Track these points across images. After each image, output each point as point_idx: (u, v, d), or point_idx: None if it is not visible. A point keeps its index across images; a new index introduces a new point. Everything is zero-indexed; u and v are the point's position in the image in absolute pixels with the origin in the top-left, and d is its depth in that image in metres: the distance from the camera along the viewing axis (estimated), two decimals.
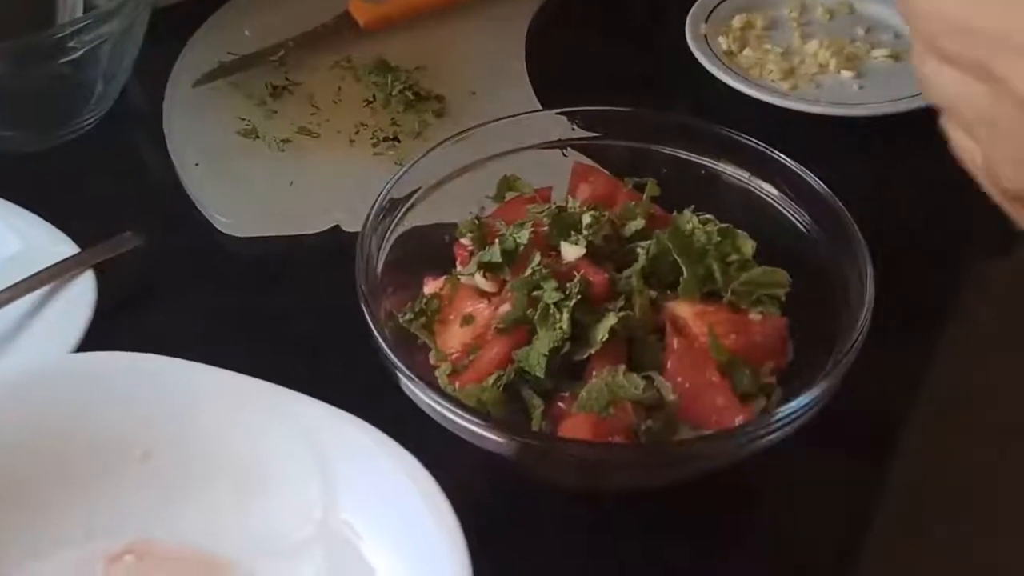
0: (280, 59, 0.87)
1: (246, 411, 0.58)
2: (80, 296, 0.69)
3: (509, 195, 0.69)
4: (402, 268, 0.65)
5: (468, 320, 0.62)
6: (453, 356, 0.62)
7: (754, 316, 0.62)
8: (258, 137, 0.82)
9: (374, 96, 0.85)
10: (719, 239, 0.63)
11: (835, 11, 0.92)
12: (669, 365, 0.60)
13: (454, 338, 0.63)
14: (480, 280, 0.63)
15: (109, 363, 0.61)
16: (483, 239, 0.65)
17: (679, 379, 0.60)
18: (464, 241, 0.66)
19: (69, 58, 0.75)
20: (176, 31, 0.87)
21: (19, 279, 0.70)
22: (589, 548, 0.61)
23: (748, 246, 0.64)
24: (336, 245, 0.74)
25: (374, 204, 0.65)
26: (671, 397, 0.59)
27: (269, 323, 0.72)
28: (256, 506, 0.58)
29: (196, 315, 0.73)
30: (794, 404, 0.57)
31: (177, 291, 0.74)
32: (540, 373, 0.59)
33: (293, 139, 0.82)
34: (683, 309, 0.61)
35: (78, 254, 0.71)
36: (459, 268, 0.65)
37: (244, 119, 0.83)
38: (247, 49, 0.87)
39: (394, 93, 0.84)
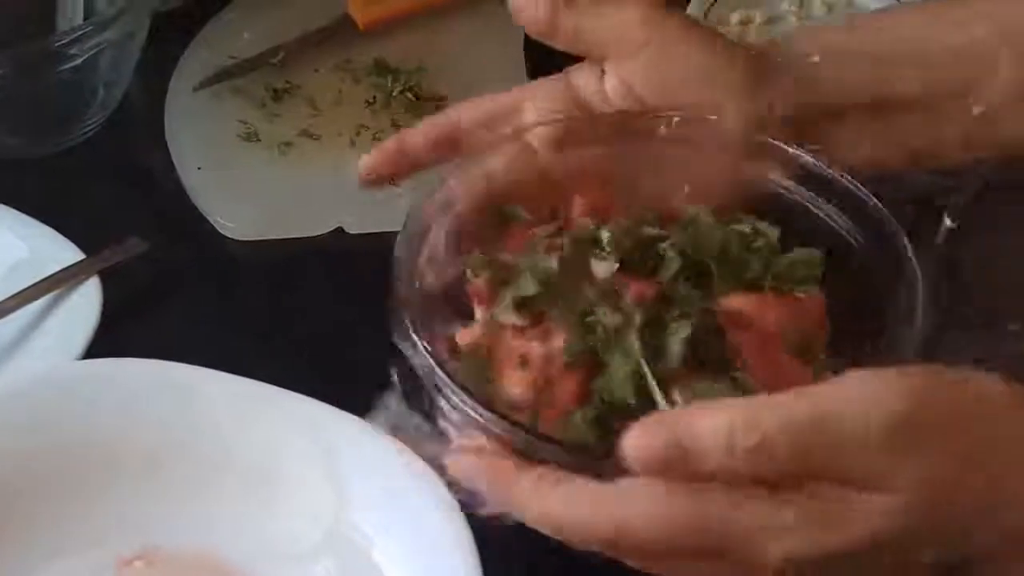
0: (280, 62, 0.86)
1: (254, 416, 0.59)
2: (86, 302, 0.69)
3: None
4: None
5: (524, 363, 0.58)
6: (525, 402, 0.58)
7: (799, 295, 0.62)
8: (259, 140, 0.82)
9: (374, 97, 0.85)
10: (745, 229, 0.62)
11: (833, 4, 0.92)
12: (748, 361, 0.57)
13: (514, 384, 0.59)
14: (515, 317, 0.59)
15: (116, 369, 0.61)
16: (500, 276, 0.61)
17: (758, 374, 0.57)
18: (479, 282, 0.61)
19: (70, 65, 0.75)
20: (176, 36, 0.87)
21: (24, 286, 0.70)
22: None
23: (770, 231, 0.63)
24: (339, 247, 0.75)
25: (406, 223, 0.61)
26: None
27: (274, 326, 0.72)
28: (266, 511, 0.58)
29: (201, 319, 0.73)
30: None
31: (182, 296, 0.74)
32: (631, 399, 0.56)
33: (294, 142, 0.82)
34: (740, 302, 0.59)
35: (83, 260, 0.71)
36: (484, 309, 0.61)
37: (245, 122, 0.82)
38: (247, 52, 0.87)
39: (394, 94, 0.84)
